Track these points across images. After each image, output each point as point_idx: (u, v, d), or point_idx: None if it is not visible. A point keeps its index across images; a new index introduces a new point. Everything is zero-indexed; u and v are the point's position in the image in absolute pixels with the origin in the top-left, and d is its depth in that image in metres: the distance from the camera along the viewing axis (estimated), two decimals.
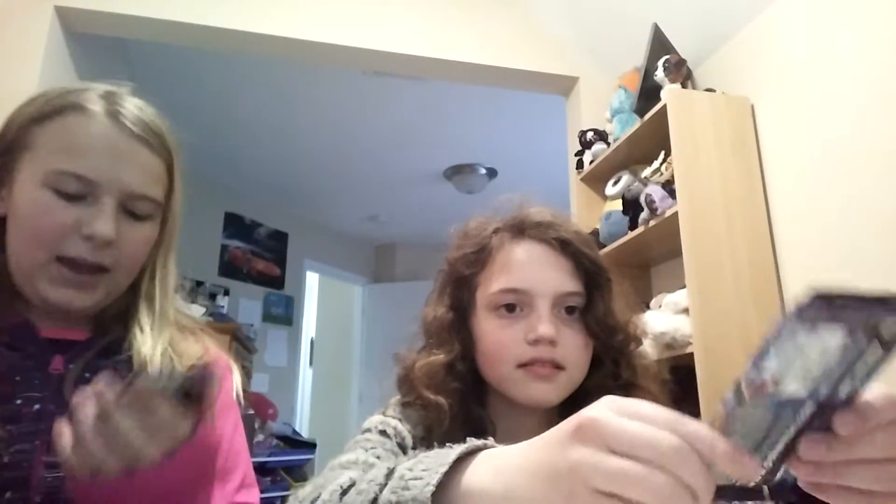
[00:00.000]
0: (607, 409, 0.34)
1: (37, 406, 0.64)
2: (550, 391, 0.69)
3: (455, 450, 0.42)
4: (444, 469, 0.40)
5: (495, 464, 0.40)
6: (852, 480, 0.36)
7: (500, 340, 0.70)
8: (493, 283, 0.72)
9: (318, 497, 0.48)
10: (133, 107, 0.75)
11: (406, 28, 2.55)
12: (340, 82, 3.27)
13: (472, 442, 0.42)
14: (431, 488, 0.39)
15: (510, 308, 0.70)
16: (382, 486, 0.43)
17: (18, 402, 0.64)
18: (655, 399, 0.72)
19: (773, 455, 0.35)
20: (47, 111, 0.70)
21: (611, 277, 0.75)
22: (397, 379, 0.76)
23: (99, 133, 0.70)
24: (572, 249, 0.72)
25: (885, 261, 1.52)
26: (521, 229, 0.74)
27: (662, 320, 1.91)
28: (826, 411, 0.34)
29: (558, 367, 0.68)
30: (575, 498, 0.33)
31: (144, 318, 0.74)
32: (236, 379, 0.81)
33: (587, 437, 0.33)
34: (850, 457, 0.35)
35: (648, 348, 1.96)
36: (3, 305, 0.70)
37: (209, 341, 0.81)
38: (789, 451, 0.35)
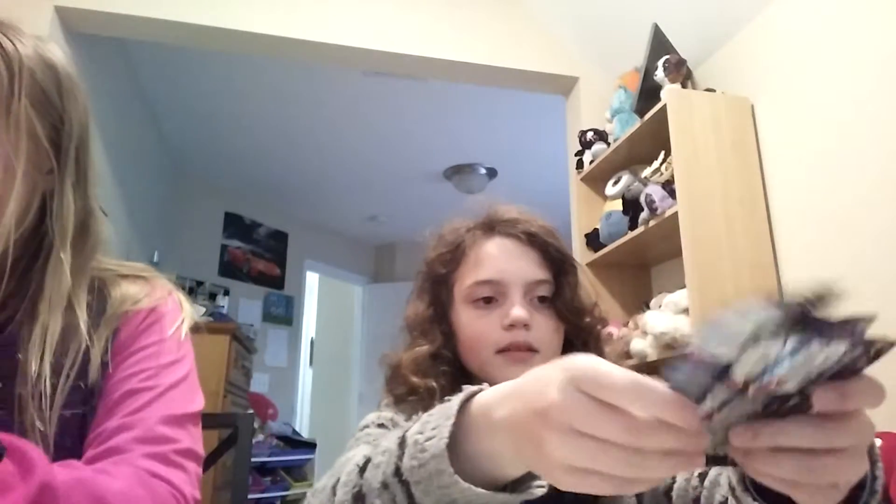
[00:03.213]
0: (570, 391, 0.35)
1: None
2: None
3: (455, 399, 0.44)
4: (451, 421, 0.42)
5: (489, 408, 0.42)
6: (775, 470, 0.36)
7: (478, 329, 0.75)
8: (469, 277, 0.77)
9: (338, 481, 0.50)
10: None
11: (406, 28, 2.55)
12: (340, 82, 3.27)
13: (469, 388, 0.44)
14: (445, 440, 0.42)
15: (486, 300, 0.76)
16: (400, 456, 0.45)
17: None
18: None
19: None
20: None
21: (575, 264, 0.80)
22: (387, 377, 0.79)
23: None
24: (539, 241, 0.78)
25: (886, 261, 1.52)
26: (491, 226, 0.80)
27: (662, 320, 1.91)
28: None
29: (533, 350, 0.73)
30: (553, 473, 0.36)
31: (47, 272, 0.63)
32: (185, 315, 0.72)
33: (554, 422, 0.35)
34: (776, 444, 0.36)
35: (648, 348, 1.97)
36: None
37: (160, 282, 0.73)
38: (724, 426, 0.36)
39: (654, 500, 0.69)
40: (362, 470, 0.48)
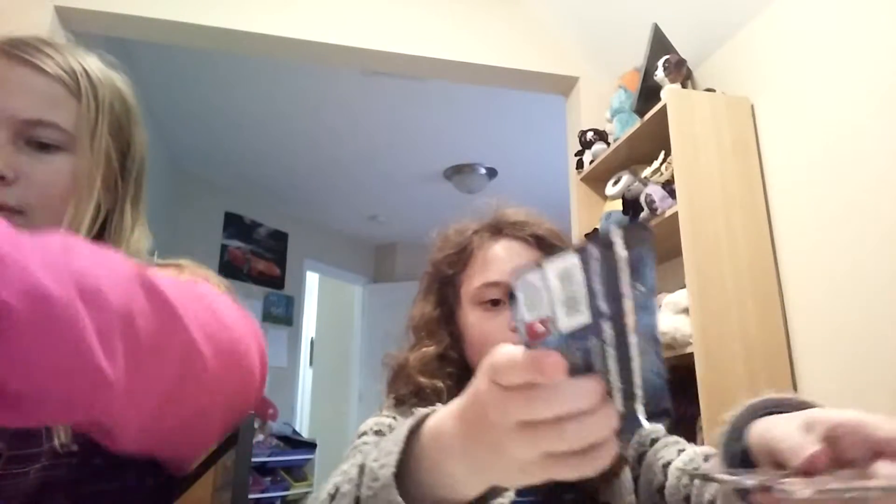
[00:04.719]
0: (495, 390, 0.34)
1: None
2: None
3: (405, 424, 0.43)
4: (399, 448, 0.41)
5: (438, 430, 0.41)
6: None
7: (486, 330, 0.76)
8: (476, 279, 0.78)
9: None
10: (33, 38, 0.67)
11: (406, 28, 2.55)
12: (340, 82, 3.27)
13: (420, 412, 0.43)
14: (392, 469, 0.41)
15: (494, 302, 0.77)
16: (359, 485, 0.44)
17: None
18: None
19: (622, 385, 0.35)
20: None
21: None
22: (390, 377, 0.79)
23: None
24: (546, 244, 0.79)
25: (885, 261, 1.52)
26: (498, 229, 0.81)
27: (662, 320, 1.91)
28: (626, 327, 0.34)
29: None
30: (526, 472, 0.35)
31: None
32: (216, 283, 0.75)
33: (500, 425, 0.34)
34: None
35: None
36: None
37: (198, 270, 0.77)
38: (630, 374, 0.35)
39: (649, 498, 0.69)
40: (332, 498, 0.47)
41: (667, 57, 2.09)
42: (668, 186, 1.95)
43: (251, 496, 3.58)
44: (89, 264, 0.40)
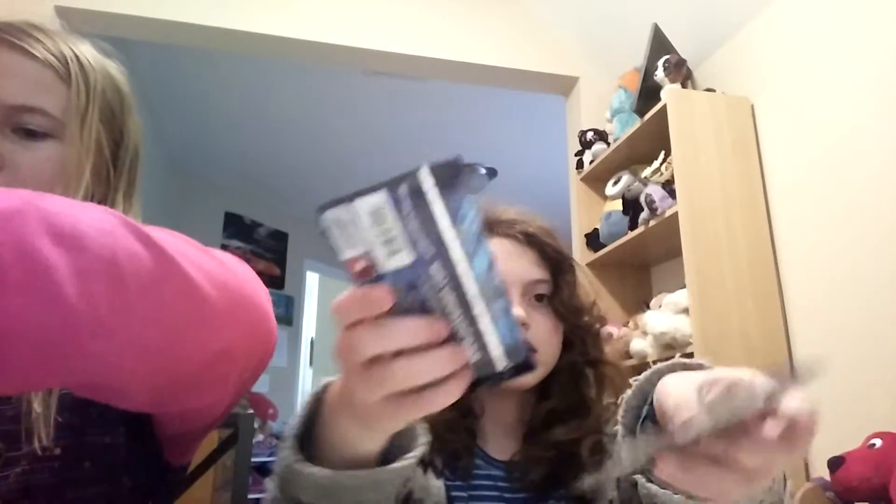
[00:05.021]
0: (340, 334, 0.36)
1: None
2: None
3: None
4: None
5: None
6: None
7: None
8: None
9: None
10: (23, 22, 0.65)
11: (406, 28, 2.55)
12: (340, 82, 3.27)
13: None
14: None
15: None
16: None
17: None
18: (619, 372, 0.80)
19: (471, 333, 0.33)
20: None
21: (573, 264, 0.81)
22: None
23: None
24: (537, 241, 0.78)
25: (885, 261, 1.52)
26: (489, 227, 0.80)
27: (662, 320, 1.91)
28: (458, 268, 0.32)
29: (531, 349, 0.73)
30: (385, 412, 0.36)
31: None
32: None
33: (352, 368, 0.36)
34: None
35: (648, 348, 1.97)
36: None
37: None
38: (476, 322, 0.33)
39: (627, 490, 0.69)
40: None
41: (667, 57, 2.09)
42: (668, 186, 1.95)
43: (251, 496, 3.57)
44: (63, 206, 0.38)
